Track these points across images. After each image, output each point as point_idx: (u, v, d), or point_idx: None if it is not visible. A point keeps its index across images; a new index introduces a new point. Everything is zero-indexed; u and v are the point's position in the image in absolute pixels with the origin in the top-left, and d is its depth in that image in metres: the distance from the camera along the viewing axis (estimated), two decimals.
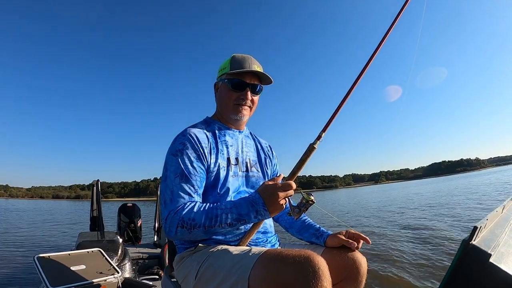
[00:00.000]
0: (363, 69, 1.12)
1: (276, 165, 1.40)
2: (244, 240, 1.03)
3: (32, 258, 1.78)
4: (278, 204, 0.92)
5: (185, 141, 1.07)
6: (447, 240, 5.49)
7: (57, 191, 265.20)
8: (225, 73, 1.17)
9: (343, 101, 1.09)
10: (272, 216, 0.96)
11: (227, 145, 1.17)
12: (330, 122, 1.07)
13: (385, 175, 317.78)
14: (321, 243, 1.16)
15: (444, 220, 8.00)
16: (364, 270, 1.03)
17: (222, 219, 0.92)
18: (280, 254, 0.81)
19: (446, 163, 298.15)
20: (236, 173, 1.14)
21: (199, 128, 1.16)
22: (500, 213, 0.99)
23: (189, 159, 1.04)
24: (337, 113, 1.08)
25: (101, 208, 3.14)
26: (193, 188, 1.01)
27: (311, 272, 0.74)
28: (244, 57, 1.18)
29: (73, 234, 9.16)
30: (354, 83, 1.11)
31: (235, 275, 0.84)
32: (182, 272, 1.05)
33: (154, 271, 3.02)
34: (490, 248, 0.70)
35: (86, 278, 1.78)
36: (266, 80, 1.21)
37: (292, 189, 0.93)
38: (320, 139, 1.04)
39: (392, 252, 5.04)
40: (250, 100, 1.19)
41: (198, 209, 0.95)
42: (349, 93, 1.10)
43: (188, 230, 0.92)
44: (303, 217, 1.29)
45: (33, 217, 19.15)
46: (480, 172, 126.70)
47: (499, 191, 15.03)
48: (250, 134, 1.36)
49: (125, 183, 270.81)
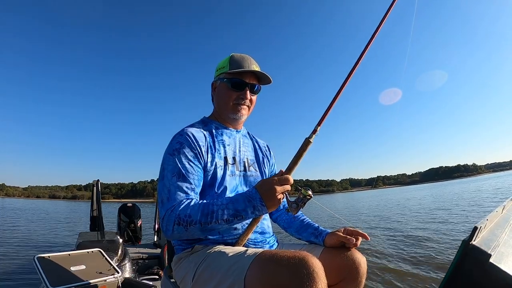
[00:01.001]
0: (357, 61, 1.11)
1: (274, 165, 1.40)
2: (242, 238, 1.02)
3: (32, 258, 1.77)
4: (275, 198, 0.90)
5: (182, 140, 1.07)
6: (447, 240, 5.47)
7: (53, 191, 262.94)
8: (224, 72, 1.17)
9: (337, 95, 1.08)
10: (270, 211, 0.94)
11: (224, 145, 1.17)
12: (325, 115, 1.05)
13: (382, 180, 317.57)
14: (320, 242, 1.14)
15: (443, 221, 7.99)
16: (364, 270, 1.02)
17: (218, 215, 0.90)
18: (275, 255, 0.80)
19: (443, 169, 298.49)
20: (233, 172, 1.14)
21: (197, 128, 1.16)
22: (500, 213, 0.99)
23: (186, 158, 1.03)
24: (332, 106, 1.07)
25: (101, 208, 3.13)
26: (190, 186, 1.00)
27: (305, 274, 0.73)
28: (243, 57, 1.18)
29: (72, 234, 9.10)
30: (348, 75, 1.10)
31: (232, 276, 0.83)
32: (180, 273, 1.04)
33: (154, 271, 3.00)
34: (490, 248, 0.70)
35: (86, 278, 1.76)
36: (265, 80, 1.21)
37: (289, 184, 0.92)
38: (315, 133, 1.02)
39: (391, 253, 5.03)
40: (249, 100, 1.19)
41: (194, 205, 0.94)
42: (343, 86, 1.09)
43: (185, 228, 0.91)
44: (302, 216, 1.28)
45: (31, 216, 18.99)
46: (477, 178, 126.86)
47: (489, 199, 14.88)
48: (248, 133, 1.35)
49: (122, 184, 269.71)
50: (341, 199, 45.30)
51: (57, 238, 8.71)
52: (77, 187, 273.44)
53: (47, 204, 54.51)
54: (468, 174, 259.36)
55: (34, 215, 20.80)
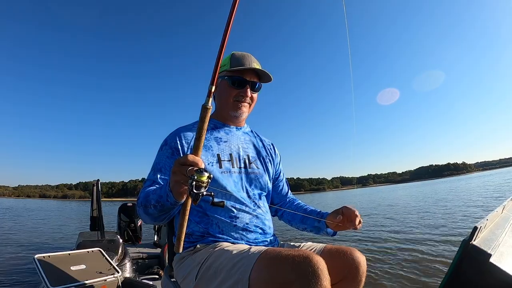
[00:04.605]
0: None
1: (278, 164, 1.36)
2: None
3: (32, 258, 1.74)
4: (174, 183, 0.79)
5: (168, 138, 1.13)
6: (446, 240, 5.46)
7: (44, 190, 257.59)
8: (225, 70, 1.15)
9: (221, 50, 0.78)
10: (178, 199, 0.82)
11: (219, 142, 1.15)
12: (215, 74, 0.78)
13: (373, 178, 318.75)
14: (323, 225, 1.14)
15: (442, 221, 7.97)
16: (364, 269, 1.01)
17: (151, 200, 0.93)
18: (279, 254, 0.79)
19: (433, 167, 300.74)
20: (228, 169, 1.11)
21: (189, 127, 1.16)
22: (500, 213, 0.98)
23: (165, 155, 1.09)
24: (219, 65, 0.78)
25: (101, 207, 3.09)
26: (160, 177, 1.04)
27: (310, 272, 0.72)
28: (244, 55, 1.16)
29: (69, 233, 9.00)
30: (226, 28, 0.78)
31: (236, 275, 0.82)
32: (182, 272, 1.02)
33: (154, 270, 2.98)
34: (490, 248, 0.69)
35: (86, 278, 1.74)
36: (265, 78, 1.20)
37: (187, 163, 0.74)
38: (211, 95, 0.79)
39: (391, 252, 5.00)
40: (250, 97, 1.17)
41: (147, 190, 0.98)
42: (224, 41, 0.78)
43: (143, 209, 0.96)
44: (305, 206, 1.26)
45: (28, 216, 18.76)
46: (466, 176, 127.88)
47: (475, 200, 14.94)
48: (251, 131, 1.32)
49: (112, 183, 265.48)
50: (332, 198, 45.32)
51: (57, 238, 8.60)
52: (68, 186, 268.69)
53: (38, 204, 53.52)
54: (458, 173, 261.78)
55: (29, 214, 20.48)
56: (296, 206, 1.30)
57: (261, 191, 1.19)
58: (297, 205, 1.30)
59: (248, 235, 1.06)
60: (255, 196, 1.14)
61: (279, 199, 1.35)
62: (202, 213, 1.06)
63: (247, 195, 1.12)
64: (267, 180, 1.22)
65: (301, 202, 1.32)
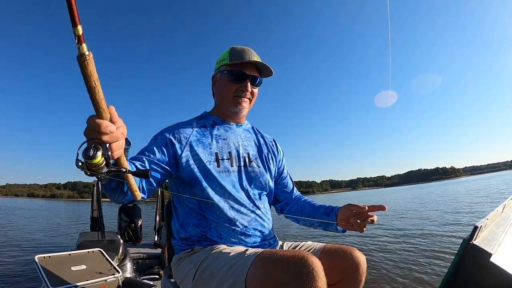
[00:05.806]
0: None
1: (281, 161, 1.30)
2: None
3: (32, 258, 1.71)
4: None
5: (164, 130, 1.07)
6: (447, 240, 5.43)
7: (32, 189, 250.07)
8: (224, 65, 1.10)
9: None
10: None
11: (218, 139, 1.10)
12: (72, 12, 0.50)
13: (362, 181, 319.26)
14: (333, 219, 1.08)
15: (442, 220, 7.92)
16: (364, 268, 0.99)
17: None
18: (275, 255, 0.78)
19: (422, 171, 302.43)
20: (226, 168, 1.06)
21: (188, 123, 1.12)
22: (500, 213, 0.98)
23: (156, 144, 1.02)
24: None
25: (101, 208, 3.05)
26: (140, 157, 0.95)
27: (305, 273, 0.71)
28: (244, 49, 1.10)
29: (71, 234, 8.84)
30: None
31: (232, 276, 0.81)
32: (180, 273, 1.01)
33: (155, 271, 2.95)
34: (491, 248, 0.69)
35: (86, 278, 1.72)
36: (266, 73, 1.14)
37: (95, 129, 0.56)
38: (80, 39, 0.49)
39: (390, 252, 4.97)
40: (250, 92, 1.11)
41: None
42: None
43: None
44: (312, 202, 1.22)
45: (22, 215, 18.33)
46: (455, 180, 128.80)
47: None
48: (252, 128, 1.26)
49: None
50: (321, 200, 45.17)
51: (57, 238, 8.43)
52: (56, 186, 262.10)
53: (26, 203, 51.60)
54: (446, 177, 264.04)
55: (23, 213, 20.00)
56: (303, 203, 1.24)
57: (262, 191, 1.14)
58: (305, 202, 1.25)
59: (247, 239, 1.02)
60: (255, 196, 1.10)
61: (284, 196, 1.29)
62: (201, 215, 1.03)
63: (247, 195, 1.07)
64: (268, 179, 1.16)
65: (308, 198, 1.27)
